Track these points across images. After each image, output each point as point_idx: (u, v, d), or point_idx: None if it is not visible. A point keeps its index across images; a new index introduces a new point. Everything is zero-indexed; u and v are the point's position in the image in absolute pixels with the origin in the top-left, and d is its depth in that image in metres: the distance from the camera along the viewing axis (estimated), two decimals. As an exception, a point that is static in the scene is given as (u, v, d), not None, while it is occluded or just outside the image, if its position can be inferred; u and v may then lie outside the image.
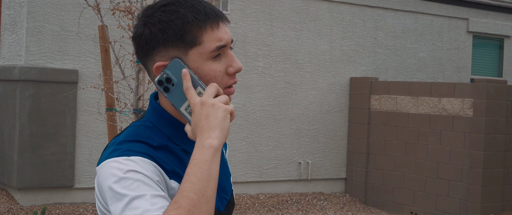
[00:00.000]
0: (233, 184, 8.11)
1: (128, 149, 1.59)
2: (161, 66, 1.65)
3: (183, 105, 1.64)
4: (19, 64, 9.46)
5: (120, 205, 1.49)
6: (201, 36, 1.64)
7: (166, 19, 1.63)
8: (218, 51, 1.66)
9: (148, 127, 1.70)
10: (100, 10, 5.28)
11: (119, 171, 1.54)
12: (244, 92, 10.87)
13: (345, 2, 11.85)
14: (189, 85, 1.60)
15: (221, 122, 1.57)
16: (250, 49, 10.92)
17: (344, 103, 11.87)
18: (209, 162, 1.51)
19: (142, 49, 1.69)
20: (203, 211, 1.45)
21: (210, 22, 1.65)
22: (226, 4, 10.68)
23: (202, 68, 1.65)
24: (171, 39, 1.63)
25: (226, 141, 1.67)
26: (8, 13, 10.02)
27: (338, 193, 11.82)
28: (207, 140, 1.53)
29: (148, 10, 1.69)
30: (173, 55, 1.64)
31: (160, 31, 1.63)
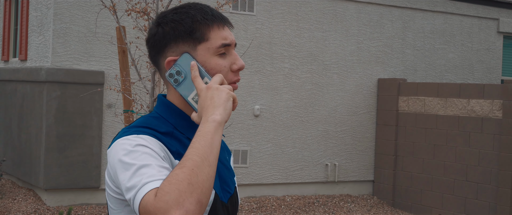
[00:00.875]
0: (259, 186, 8.24)
1: (137, 130, 1.77)
2: (172, 61, 1.83)
3: (190, 95, 1.80)
4: (46, 65, 9.53)
5: (128, 174, 1.64)
6: (209, 33, 1.83)
7: (178, 18, 1.84)
8: (223, 49, 1.84)
9: (155, 117, 1.87)
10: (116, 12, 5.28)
11: (129, 146, 1.70)
12: (270, 93, 10.82)
13: (373, 3, 11.75)
14: (196, 74, 1.77)
15: (224, 102, 1.72)
16: (276, 51, 10.87)
17: (372, 104, 11.76)
18: (212, 133, 1.65)
19: (155, 47, 1.87)
20: (205, 172, 1.58)
21: (217, 22, 1.85)
22: (252, 5, 10.65)
23: (209, 62, 1.83)
24: (181, 35, 1.83)
25: (230, 149, 1.74)
26: (35, 15, 10.10)
27: (365, 195, 11.70)
28: (211, 116, 1.69)
29: (161, 14, 1.90)
30: (183, 50, 1.83)
31: (172, 29, 1.83)
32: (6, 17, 11.46)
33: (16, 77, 10.56)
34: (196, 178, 1.56)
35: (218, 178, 1.91)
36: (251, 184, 10.79)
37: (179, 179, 1.54)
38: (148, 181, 1.59)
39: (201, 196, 1.55)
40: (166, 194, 1.52)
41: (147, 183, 1.59)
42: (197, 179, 1.56)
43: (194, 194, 1.54)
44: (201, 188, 1.56)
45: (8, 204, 9.46)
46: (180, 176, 1.55)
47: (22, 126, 10.25)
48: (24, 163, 10.13)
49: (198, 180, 1.56)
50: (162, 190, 1.53)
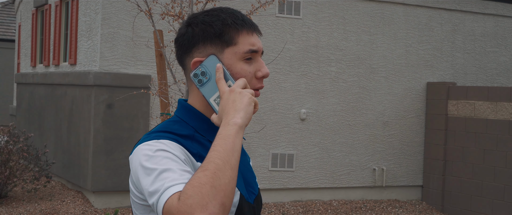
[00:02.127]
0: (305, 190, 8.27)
1: (158, 135, 1.78)
2: (198, 62, 1.85)
3: (213, 96, 1.82)
4: (94, 69, 9.67)
5: (150, 179, 1.65)
6: (237, 38, 1.85)
7: (208, 20, 1.85)
8: (250, 54, 1.86)
9: (176, 121, 1.89)
10: (152, 16, 5.32)
11: (149, 151, 1.71)
12: (317, 97, 10.77)
13: (422, 6, 11.59)
14: (221, 76, 1.80)
15: (246, 106, 1.73)
16: (323, 54, 10.82)
17: (421, 108, 11.60)
18: (233, 136, 1.66)
19: (183, 47, 1.90)
20: (227, 175, 1.59)
21: (246, 28, 1.88)
22: (299, 9, 10.62)
23: (234, 66, 1.85)
24: (210, 37, 1.85)
25: (249, 153, 1.73)
26: (84, 20, 10.26)
27: (414, 201, 11.54)
28: (233, 119, 1.70)
29: (192, 15, 1.93)
30: (210, 52, 1.85)
31: (202, 30, 1.85)
32: (56, 22, 11.69)
33: (66, 81, 10.75)
34: (218, 181, 1.57)
35: (242, 179, 1.93)
36: (297, 188, 10.75)
37: (202, 182, 1.55)
38: (170, 184, 1.60)
39: (224, 198, 1.56)
40: (189, 197, 1.53)
41: (169, 187, 1.60)
42: (219, 182, 1.57)
43: (218, 197, 1.55)
44: (224, 191, 1.57)
45: (57, 206, 9.63)
46: (203, 179, 1.55)
47: (71, 129, 10.42)
48: (73, 165, 10.30)
49: (221, 183, 1.57)
50: (185, 194, 1.54)
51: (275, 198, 10.63)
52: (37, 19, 13.08)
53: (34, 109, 12.66)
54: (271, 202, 10.55)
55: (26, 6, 14.27)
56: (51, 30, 12.02)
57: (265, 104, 10.43)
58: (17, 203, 9.91)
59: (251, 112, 1.75)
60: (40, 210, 9.39)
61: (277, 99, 10.51)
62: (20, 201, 10.00)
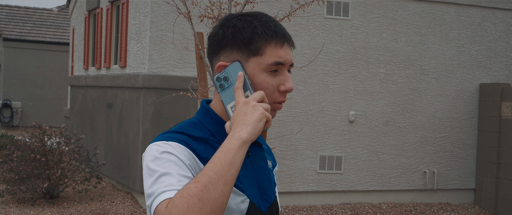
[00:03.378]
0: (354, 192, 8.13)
1: (169, 136, 1.79)
2: (222, 66, 1.84)
3: (230, 103, 1.81)
4: (143, 72, 9.77)
5: (150, 180, 1.67)
6: (264, 49, 1.82)
7: (240, 25, 1.83)
8: (275, 67, 1.82)
9: (194, 122, 1.89)
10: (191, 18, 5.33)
11: (156, 152, 1.72)
12: (366, 99, 10.66)
13: (474, 5, 11.36)
14: (239, 85, 1.78)
15: (255, 122, 1.71)
16: (372, 55, 10.70)
17: (473, 110, 11.36)
18: (234, 151, 1.64)
19: (212, 47, 1.88)
20: (218, 190, 1.58)
21: (276, 39, 1.83)
22: (347, 10, 10.53)
23: (257, 77, 1.82)
24: (238, 43, 1.82)
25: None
26: (134, 23, 10.38)
27: (466, 204, 11.32)
28: (238, 133, 1.68)
29: (228, 16, 1.90)
30: (236, 58, 1.83)
31: (231, 34, 1.83)
32: (108, 25, 11.86)
33: (116, 83, 10.90)
34: (208, 194, 1.56)
35: (256, 186, 1.91)
36: (345, 191, 10.65)
37: (190, 193, 1.55)
38: (164, 190, 1.61)
39: (210, 213, 1.55)
40: (175, 206, 1.53)
41: (163, 192, 1.60)
42: (208, 195, 1.56)
43: (203, 211, 1.54)
44: (212, 206, 1.56)
45: (107, 206, 9.76)
46: (192, 190, 1.55)
47: (121, 130, 10.55)
48: (122, 166, 10.43)
49: (209, 197, 1.56)
50: (173, 202, 1.55)
51: (323, 200, 10.56)
52: (89, 23, 13.30)
53: (86, 111, 12.87)
54: (319, 205, 10.48)
55: (79, 10, 14.52)
56: (103, 33, 12.21)
57: (313, 106, 10.37)
58: (68, 203, 10.09)
59: (260, 128, 1.72)
60: (90, 210, 9.54)
61: (325, 101, 10.44)
62: (71, 202, 10.17)
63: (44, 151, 9.91)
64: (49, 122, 20.54)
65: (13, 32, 24.38)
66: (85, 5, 13.65)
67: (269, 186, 1.99)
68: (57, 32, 25.31)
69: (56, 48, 24.30)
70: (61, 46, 24.01)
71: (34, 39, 24.42)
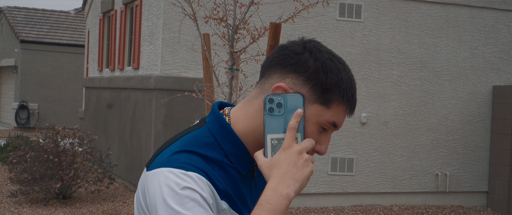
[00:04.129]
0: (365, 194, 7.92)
1: (185, 162, 1.56)
2: (281, 89, 1.62)
3: (273, 134, 1.60)
4: (155, 73, 9.84)
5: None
6: (334, 106, 1.63)
7: (330, 67, 1.62)
8: (328, 126, 1.65)
9: (207, 137, 1.66)
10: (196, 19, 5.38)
11: (175, 185, 1.50)
12: (378, 101, 10.66)
13: (488, 7, 11.32)
14: (295, 126, 1.57)
15: (305, 179, 1.55)
16: (384, 57, 10.70)
17: (486, 113, 11.33)
18: (283, 212, 1.50)
19: (284, 60, 1.65)
20: None
21: (348, 105, 1.66)
22: (360, 12, 10.54)
23: (309, 124, 1.62)
24: (316, 81, 1.62)
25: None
26: (147, 25, 10.46)
27: (478, 207, 11.28)
28: (287, 189, 1.52)
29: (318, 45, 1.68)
30: (301, 92, 1.62)
31: (316, 69, 1.62)
32: (121, 27, 11.95)
33: (129, 85, 10.98)
34: None
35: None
36: (357, 193, 10.66)
37: None
38: None
39: None
40: None
41: None
42: None
43: None
44: None
45: (119, 206, 9.83)
46: None
47: (134, 131, 10.63)
48: (135, 167, 10.50)
49: None
50: None
51: (334, 202, 10.57)
52: (104, 25, 13.40)
53: (100, 112, 12.97)
54: (330, 207, 10.49)
55: (94, 12, 14.64)
56: (117, 35, 12.30)
57: (325, 108, 10.37)
58: (80, 203, 10.17)
59: (305, 185, 1.57)
60: (102, 210, 9.61)
61: (337, 103, 10.43)
62: (84, 202, 10.26)
63: (57, 152, 10.00)
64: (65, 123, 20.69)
65: (30, 35, 24.60)
66: (100, 8, 13.76)
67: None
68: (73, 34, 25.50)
69: (72, 50, 24.48)
70: (78, 48, 24.19)
71: (51, 41, 24.63)
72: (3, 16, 26.87)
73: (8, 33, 26.06)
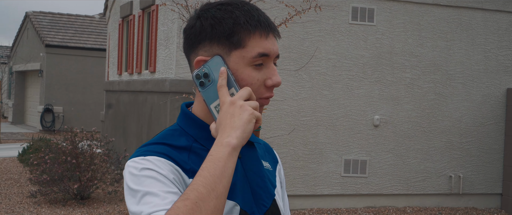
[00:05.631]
0: (379, 196, 7.98)
1: (147, 150, 1.64)
2: (201, 61, 1.66)
3: (214, 102, 1.64)
4: (170, 77, 10.05)
5: (133, 200, 1.54)
6: (247, 40, 1.65)
7: (219, 16, 1.65)
8: (260, 59, 1.66)
9: (174, 130, 1.74)
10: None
11: (135, 169, 1.58)
12: (391, 103, 10.76)
13: (502, 10, 11.37)
14: (223, 83, 1.61)
15: (244, 124, 1.56)
16: (397, 60, 10.80)
17: (500, 115, 11.37)
18: (224, 159, 1.51)
19: (189, 40, 1.70)
20: (211, 205, 1.46)
21: (260, 30, 1.66)
22: (372, 16, 10.65)
23: (240, 71, 1.65)
24: (218, 36, 1.65)
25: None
26: (163, 29, 10.68)
27: (492, 209, 11.32)
28: (227, 138, 1.54)
29: (205, 6, 1.72)
30: (216, 52, 1.65)
31: (210, 26, 1.65)
32: (139, 31, 12.19)
33: (146, 88, 11.20)
34: (199, 212, 1.44)
35: (248, 189, 1.76)
36: (370, 194, 10.77)
37: (179, 213, 1.43)
38: (151, 211, 1.49)
39: None
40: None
41: (150, 214, 1.49)
42: (200, 213, 1.44)
43: None
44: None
45: (134, 207, 10.04)
46: (181, 210, 1.43)
47: (150, 134, 10.85)
48: (151, 169, 10.71)
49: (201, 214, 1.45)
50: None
51: (348, 203, 10.68)
52: (123, 29, 13.66)
53: (119, 114, 13.22)
54: (343, 208, 10.61)
55: (114, 17, 14.91)
56: (135, 39, 12.55)
57: (337, 111, 10.51)
58: (98, 204, 10.41)
59: (250, 130, 1.57)
60: (119, 211, 9.84)
61: (349, 105, 10.57)
62: (101, 202, 10.50)
63: (75, 153, 10.25)
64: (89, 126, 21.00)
65: (55, 39, 25.00)
66: (119, 13, 14.03)
67: (265, 189, 1.83)
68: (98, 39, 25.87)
69: (96, 54, 24.83)
70: (102, 52, 24.54)
71: (76, 45, 25.01)
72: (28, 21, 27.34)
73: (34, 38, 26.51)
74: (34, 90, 27.74)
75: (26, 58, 27.40)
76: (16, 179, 12.77)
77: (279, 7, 8.87)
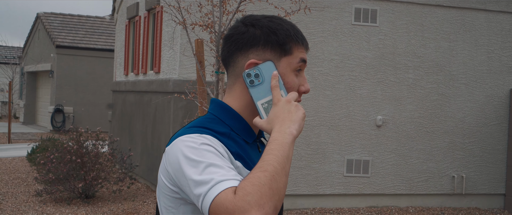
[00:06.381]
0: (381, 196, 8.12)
1: (198, 130, 1.80)
2: (253, 63, 1.88)
3: (261, 100, 1.86)
4: (174, 77, 10.16)
5: (197, 170, 1.66)
6: (295, 50, 1.92)
7: (273, 27, 1.91)
8: (300, 65, 1.93)
9: (212, 119, 1.91)
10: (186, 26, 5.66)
11: (194, 144, 1.72)
12: (394, 104, 10.82)
13: (505, 11, 11.41)
14: (277, 84, 1.85)
15: (300, 120, 1.79)
16: (400, 61, 10.86)
17: (503, 116, 11.41)
18: (288, 145, 1.71)
19: (238, 44, 1.92)
20: (283, 180, 1.64)
21: (304, 42, 1.96)
22: (375, 17, 10.72)
23: (287, 76, 1.91)
24: (272, 43, 1.90)
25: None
26: (167, 31, 10.79)
27: (495, 209, 11.35)
28: (289, 129, 1.75)
29: (253, 16, 1.97)
30: (268, 57, 1.90)
31: (265, 34, 1.90)
32: (145, 32, 12.31)
33: (151, 88, 11.32)
34: (276, 184, 1.61)
35: None
36: (372, 194, 10.83)
37: (261, 182, 1.59)
38: (222, 179, 1.61)
39: (278, 202, 1.61)
40: (248, 194, 1.57)
41: (222, 181, 1.61)
42: (277, 185, 1.61)
43: (273, 199, 1.59)
44: (279, 195, 1.61)
45: (138, 206, 10.17)
46: (263, 179, 1.59)
47: (155, 133, 10.97)
48: (155, 168, 10.83)
49: (277, 186, 1.61)
50: (244, 190, 1.58)
51: (350, 203, 10.75)
52: (129, 30, 13.80)
53: (125, 114, 13.36)
54: (345, 208, 10.68)
55: (121, 18, 15.05)
56: (140, 40, 12.67)
57: (340, 111, 10.59)
58: (102, 203, 10.54)
59: (302, 126, 1.80)
60: (123, 209, 9.96)
61: (352, 105, 10.65)
62: (106, 201, 10.62)
63: (81, 153, 10.39)
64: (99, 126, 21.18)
65: (66, 40, 25.19)
66: (126, 14, 14.16)
67: None
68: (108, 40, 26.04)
69: (107, 55, 24.98)
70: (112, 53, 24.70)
71: (86, 46, 25.19)
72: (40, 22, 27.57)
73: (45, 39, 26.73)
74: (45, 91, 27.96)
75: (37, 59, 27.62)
76: (24, 178, 12.93)
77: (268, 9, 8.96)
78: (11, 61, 32.81)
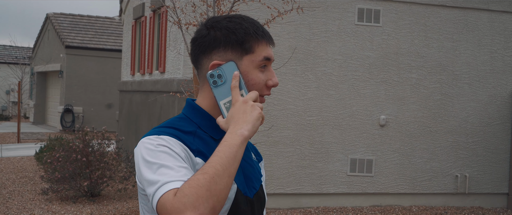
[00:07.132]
0: (384, 195, 8.31)
1: (159, 131, 1.90)
2: (216, 64, 1.94)
3: (223, 100, 1.92)
4: (178, 77, 10.27)
5: (149, 171, 1.76)
6: (256, 47, 1.97)
7: (232, 27, 1.96)
8: (264, 62, 1.98)
9: (181, 118, 2.02)
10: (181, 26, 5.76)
11: (151, 145, 1.82)
12: (397, 103, 10.89)
13: (508, 11, 11.45)
14: (236, 84, 1.90)
15: (255, 120, 1.85)
16: (403, 61, 10.93)
17: (507, 115, 11.45)
18: (237, 146, 1.77)
19: (202, 47, 1.98)
20: (224, 182, 1.69)
21: (265, 39, 2.00)
22: (378, 17, 10.79)
23: (250, 73, 1.96)
24: (232, 44, 1.95)
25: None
26: (172, 31, 10.90)
27: (499, 209, 11.39)
28: (240, 130, 1.81)
29: (214, 18, 2.03)
30: (230, 58, 1.95)
31: (224, 35, 1.95)
32: (150, 32, 12.43)
33: (156, 88, 11.44)
34: (215, 185, 1.67)
35: (241, 174, 2.03)
36: (376, 193, 10.90)
37: (199, 184, 1.65)
38: (169, 180, 1.70)
39: (216, 203, 1.67)
40: (185, 196, 1.64)
41: (168, 182, 1.69)
42: (216, 186, 1.67)
43: (210, 201, 1.65)
44: (218, 196, 1.67)
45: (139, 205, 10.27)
46: (201, 181, 1.66)
47: (160, 133, 11.07)
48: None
49: (216, 188, 1.67)
50: (182, 192, 1.65)
51: (354, 202, 10.83)
52: (135, 31, 13.92)
53: (132, 114, 13.48)
54: (349, 206, 10.75)
55: (128, 18, 15.18)
56: (146, 40, 12.79)
57: (343, 111, 10.66)
58: (107, 201, 10.66)
59: (258, 126, 1.85)
60: (127, 208, 10.08)
61: (356, 105, 10.72)
62: (111, 200, 10.74)
63: (86, 152, 10.51)
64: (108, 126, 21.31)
65: (76, 40, 25.36)
66: (132, 14, 14.29)
67: (254, 175, 2.12)
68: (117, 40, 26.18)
69: (116, 55, 25.11)
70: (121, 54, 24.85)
71: (95, 46, 25.34)
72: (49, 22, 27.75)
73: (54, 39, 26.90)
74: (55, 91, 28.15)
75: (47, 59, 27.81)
76: (31, 177, 13.08)
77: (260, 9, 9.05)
78: (21, 61, 33.04)
